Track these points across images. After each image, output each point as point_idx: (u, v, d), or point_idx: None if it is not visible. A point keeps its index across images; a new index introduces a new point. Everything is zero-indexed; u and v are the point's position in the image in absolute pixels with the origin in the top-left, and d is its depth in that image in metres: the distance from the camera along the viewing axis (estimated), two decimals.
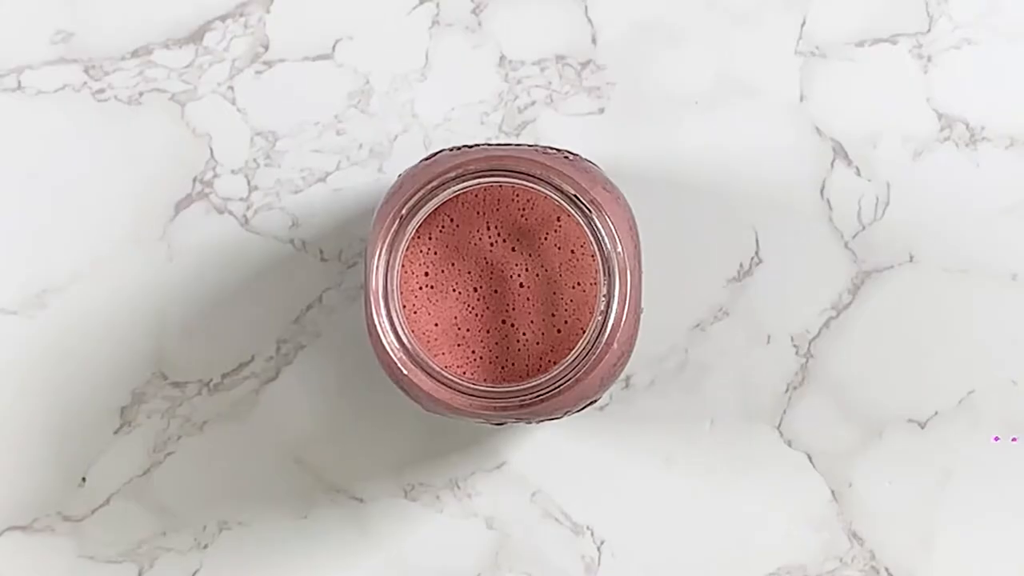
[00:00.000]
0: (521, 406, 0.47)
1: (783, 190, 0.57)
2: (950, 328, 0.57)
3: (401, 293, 0.48)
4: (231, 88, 0.57)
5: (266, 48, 0.57)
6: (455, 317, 0.49)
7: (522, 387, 0.47)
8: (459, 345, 0.49)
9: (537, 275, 0.49)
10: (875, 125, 0.57)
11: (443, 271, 0.49)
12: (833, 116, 0.57)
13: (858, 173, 0.57)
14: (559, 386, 0.47)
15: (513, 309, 0.49)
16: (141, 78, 0.56)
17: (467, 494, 0.57)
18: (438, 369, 0.48)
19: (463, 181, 0.47)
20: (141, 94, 0.57)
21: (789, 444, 0.57)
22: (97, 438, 0.56)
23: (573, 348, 0.48)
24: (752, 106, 0.57)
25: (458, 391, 0.47)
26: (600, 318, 0.47)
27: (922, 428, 0.57)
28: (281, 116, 0.56)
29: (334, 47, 0.57)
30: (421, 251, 0.49)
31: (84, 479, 0.57)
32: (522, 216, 0.49)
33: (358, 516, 0.57)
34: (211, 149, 0.57)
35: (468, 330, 0.49)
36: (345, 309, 0.57)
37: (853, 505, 0.57)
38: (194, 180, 0.57)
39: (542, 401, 0.47)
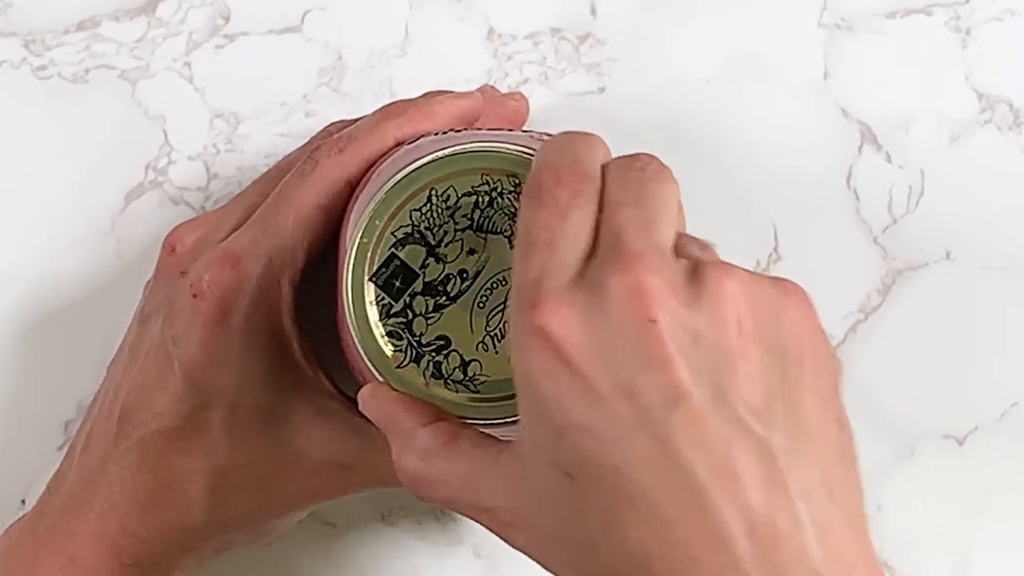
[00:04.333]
0: (508, 422, 0.45)
1: (805, 179, 0.56)
2: (991, 333, 0.56)
3: None
4: (188, 65, 0.56)
5: (227, 20, 0.56)
6: None
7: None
8: None
9: None
10: (908, 106, 0.57)
11: None
12: (861, 96, 0.56)
13: (889, 160, 0.56)
14: None
15: None
16: (87, 53, 0.56)
17: (452, 519, 0.56)
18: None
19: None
20: (87, 71, 0.56)
21: None
22: (38, 455, 0.55)
23: None
24: (770, 85, 0.56)
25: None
26: None
27: (960, 444, 0.57)
28: (243, 96, 0.56)
29: (303, 19, 0.56)
30: None
31: (23, 501, 0.55)
32: None
33: (330, 543, 0.56)
34: (165, 133, 0.56)
35: None
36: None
37: (883, 529, 0.56)
38: (146, 167, 0.55)
39: None
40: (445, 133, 0.49)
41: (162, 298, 0.50)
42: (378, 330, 0.45)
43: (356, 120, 0.51)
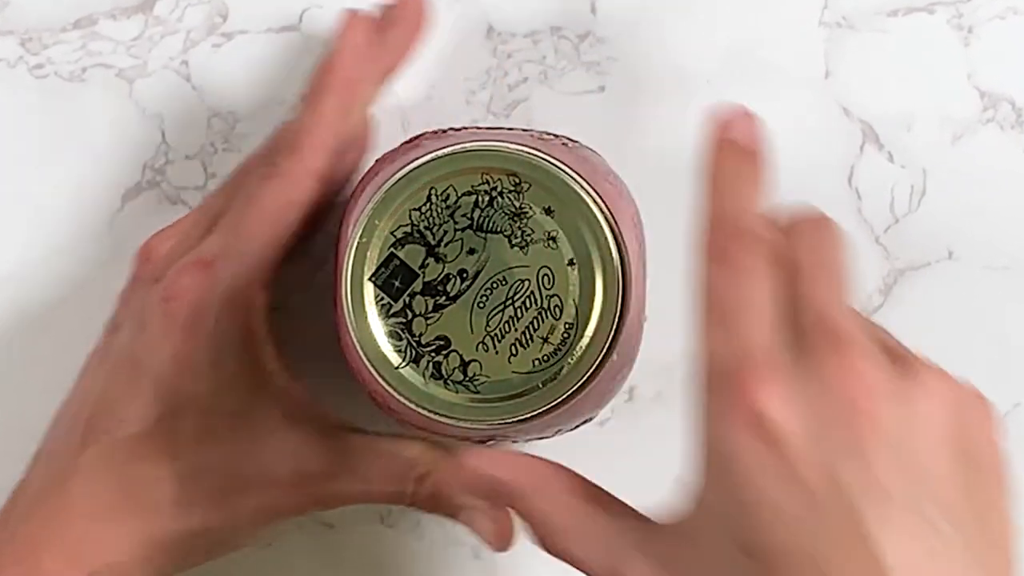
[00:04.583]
0: (508, 423, 0.46)
1: (806, 178, 0.55)
2: (994, 332, 0.56)
3: None
4: (185, 63, 0.55)
5: (224, 18, 0.56)
6: None
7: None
8: None
9: None
10: (910, 105, 0.56)
11: None
12: (862, 95, 0.56)
13: (890, 159, 0.56)
14: (552, 403, 0.45)
15: None
16: (84, 52, 0.55)
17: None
18: None
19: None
20: (84, 70, 0.55)
21: None
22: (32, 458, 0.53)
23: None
24: (771, 84, 0.56)
25: None
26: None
27: None
28: (241, 95, 0.55)
29: (301, 17, 0.56)
30: None
31: None
32: None
33: (329, 544, 0.55)
34: (163, 132, 0.55)
35: None
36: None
37: None
38: (144, 167, 0.55)
39: (532, 419, 0.45)
40: (444, 131, 0.49)
41: (135, 307, 0.49)
42: (377, 330, 0.45)
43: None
